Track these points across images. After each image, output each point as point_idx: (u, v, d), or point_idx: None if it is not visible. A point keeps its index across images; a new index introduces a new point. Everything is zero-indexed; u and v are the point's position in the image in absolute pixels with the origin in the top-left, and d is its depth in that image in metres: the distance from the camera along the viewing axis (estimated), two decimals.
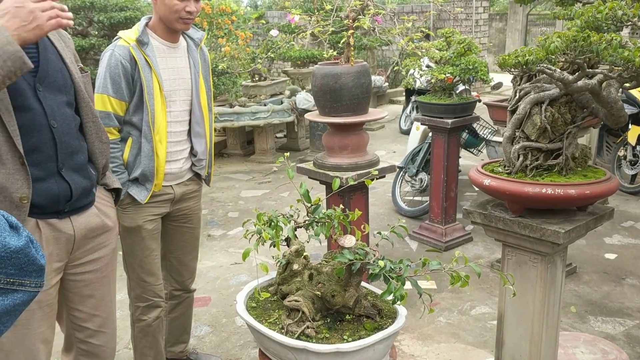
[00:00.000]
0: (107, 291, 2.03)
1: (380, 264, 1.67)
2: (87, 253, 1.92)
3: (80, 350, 2.03)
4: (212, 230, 5.02)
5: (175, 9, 2.27)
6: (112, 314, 2.08)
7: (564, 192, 1.91)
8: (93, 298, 1.98)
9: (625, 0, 1.82)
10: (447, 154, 4.31)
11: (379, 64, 13.21)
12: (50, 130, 1.74)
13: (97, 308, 2.00)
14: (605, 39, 1.65)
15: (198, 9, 2.33)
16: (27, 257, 0.81)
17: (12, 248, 0.78)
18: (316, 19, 2.82)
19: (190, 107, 2.52)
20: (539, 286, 2.15)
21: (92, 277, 1.96)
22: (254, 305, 1.94)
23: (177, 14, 2.28)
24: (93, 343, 2.02)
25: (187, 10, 2.28)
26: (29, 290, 0.82)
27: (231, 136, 7.74)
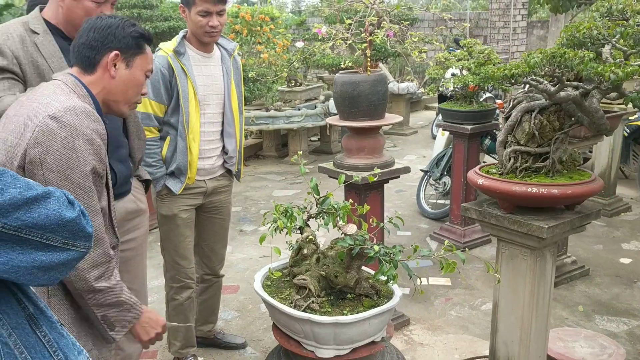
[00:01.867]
0: (141, 267, 2.35)
1: (375, 248, 1.93)
2: (124, 234, 2.23)
3: None
4: (244, 225, 5.34)
5: (200, 24, 2.58)
6: (144, 288, 2.39)
7: (547, 191, 2.13)
8: (129, 273, 2.29)
9: (603, 21, 2.03)
10: (467, 159, 4.51)
11: (416, 70, 13.38)
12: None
13: (132, 282, 2.31)
14: (578, 55, 1.87)
15: (222, 22, 2.62)
16: (78, 226, 1.07)
17: (66, 218, 1.03)
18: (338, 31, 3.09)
19: (223, 110, 2.82)
20: (528, 278, 2.37)
21: (128, 255, 2.27)
22: (269, 284, 2.22)
23: (203, 29, 2.59)
24: None
25: (210, 25, 2.58)
26: (79, 251, 1.09)
27: (267, 139, 8.09)
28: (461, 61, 4.19)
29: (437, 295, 3.86)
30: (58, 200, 1.02)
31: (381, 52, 9.55)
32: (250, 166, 7.62)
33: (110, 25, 1.70)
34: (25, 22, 2.08)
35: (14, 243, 0.96)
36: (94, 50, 1.68)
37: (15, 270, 0.97)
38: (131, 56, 1.73)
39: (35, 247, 0.99)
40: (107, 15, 1.77)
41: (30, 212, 0.97)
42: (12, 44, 2.02)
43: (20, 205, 0.96)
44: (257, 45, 7.80)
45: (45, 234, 0.99)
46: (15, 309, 1.06)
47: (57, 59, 2.06)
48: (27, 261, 0.98)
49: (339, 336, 1.96)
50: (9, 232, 0.94)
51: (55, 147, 1.49)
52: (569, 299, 3.77)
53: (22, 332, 1.06)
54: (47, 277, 1.02)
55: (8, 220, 0.94)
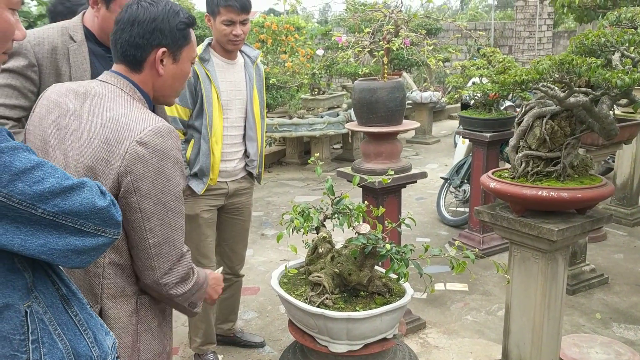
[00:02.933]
0: None
1: (387, 247, 2.00)
2: None
3: None
4: (265, 229, 5.45)
5: (224, 33, 2.69)
6: None
7: (558, 194, 2.18)
8: None
9: (611, 29, 2.08)
10: (487, 166, 4.54)
11: (440, 80, 13.41)
12: None
13: None
14: (586, 62, 1.92)
15: (245, 31, 2.73)
16: (109, 214, 1.17)
17: (99, 206, 1.13)
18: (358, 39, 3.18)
19: (245, 115, 2.93)
20: (540, 280, 2.41)
21: None
22: (285, 281, 2.30)
23: (226, 37, 2.70)
24: None
25: (234, 34, 2.70)
26: (108, 237, 1.19)
27: (290, 146, 8.20)
28: (480, 70, 4.24)
29: (454, 300, 3.90)
30: (91, 190, 1.13)
31: (404, 62, 9.62)
32: (273, 172, 7.74)
33: (155, 18, 1.57)
34: (65, 28, 2.18)
35: (51, 228, 1.06)
36: (140, 49, 1.58)
37: (52, 252, 1.07)
38: (178, 49, 1.63)
39: (70, 232, 1.09)
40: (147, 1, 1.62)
41: (66, 199, 1.07)
42: (40, 50, 2.11)
43: (58, 193, 1.06)
44: (282, 54, 7.94)
45: (79, 220, 1.10)
46: (50, 290, 1.17)
47: (81, 71, 2.14)
48: (63, 244, 1.08)
49: (351, 332, 2.03)
50: (47, 217, 1.05)
51: (148, 175, 1.45)
52: (587, 307, 3.78)
53: (56, 311, 1.16)
54: (80, 260, 1.13)
55: (47, 207, 1.04)
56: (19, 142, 1.06)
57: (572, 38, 2.14)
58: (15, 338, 1.08)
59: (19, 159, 1.02)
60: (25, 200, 1.01)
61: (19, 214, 1.02)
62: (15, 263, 1.09)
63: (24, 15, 6.80)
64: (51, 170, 1.07)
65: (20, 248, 1.04)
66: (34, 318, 1.11)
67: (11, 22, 1.10)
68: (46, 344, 1.12)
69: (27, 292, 1.11)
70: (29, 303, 1.11)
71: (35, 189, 1.02)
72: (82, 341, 1.19)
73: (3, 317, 1.06)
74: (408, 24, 3.05)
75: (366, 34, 3.18)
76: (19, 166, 1.01)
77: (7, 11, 1.09)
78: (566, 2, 3.44)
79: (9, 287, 1.07)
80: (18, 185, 1.00)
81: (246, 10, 2.70)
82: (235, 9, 2.66)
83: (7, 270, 1.07)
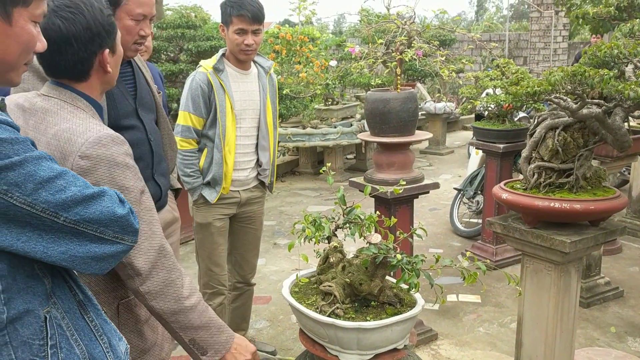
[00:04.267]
0: None
1: (398, 257, 2.00)
2: None
3: None
4: (278, 239, 5.46)
5: (236, 42, 2.73)
6: None
7: (570, 206, 2.17)
8: None
9: (624, 41, 2.08)
10: (500, 177, 4.53)
11: (454, 91, 13.39)
12: (149, 143, 2.17)
13: None
14: (599, 73, 1.92)
15: (257, 41, 2.75)
16: (127, 222, 1.19)
17: (118, 214, 1.16)
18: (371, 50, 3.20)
19: (258, 124, 2.96)
20: (552, 292, 2.39)
21: None
22: (296, 290, 2.31)
23: (239, 47, 2.73)
24: None
25: (245, 43, 2.72)
26: (126, 244, 1.21)
27: (303, 155, 8.23)
28: (494, 81, 4.24)
29: (467, 312, 3.87)
30: (111, 198, 1.16)
31: (418, 73, 9.63)
32: (286, 182, 7.77)
33: (88, 26, 1.46)
34: None
35: (72, 235, 1.09)
36: (86, 62, 1.50)
37: (73, 259, 1.10)
38: (114, 39, 1.55)
39: (90, 239, 1.12)
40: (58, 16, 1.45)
41: (87, 207, 1.10)
42: None
43: (79, 202, 1.09)
44: (296, 65, 7.98)
45: (99, 228, 1.12)
46: (67, 295, 1.19)
47: None
48: (83, 252, 1.11)
49: (361, 341, 2.03)
50: (69, 225, 1.08)
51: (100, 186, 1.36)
52: (601, 320, 3.74)
53: (73, 316, 1.18)
54: (99, 267, 1.16)
55: (69, 215, 1.08)
56: (42, 151, 1.08)
57: (584, 49, 2.14)
58: (35, 343, 1.10)
59: (43, 168, 1.04)
60: (49, 208, 1.04)
61: (41, 221, 1.04)
62: (35, 269, 1.11)
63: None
64: (73, 179, 1.10)
65: (43, 255, 1.06)
66: (52, 323, 1.13)
67: (34, 34, 1.13)
68: (64, 349, 1.14)
69: (47, 298, 1.13)
70: (48, 309, 1.13)
71: (58, 197, 1.05)
72: (98, 346, 1.21)
73: (23, 322, 1.08)
74: (421, 35, 3.06)
75: (379, 45, 3.20)
76: (43, 175, 1.04)
77: (30, 24, 1.11)
78: (581, 14, 3.43)
79: (29, 292, 1.09)
80: (42, 194, 1.03)
81: (258, 20, 2.72)
82: (247, 18, 2.69)
83: (27, 277, 1.09)
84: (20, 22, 1.08)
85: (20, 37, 1.09)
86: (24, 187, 1.01)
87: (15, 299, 1.07)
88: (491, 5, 48.10)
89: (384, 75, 9.32)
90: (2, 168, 0.99)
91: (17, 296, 1.07)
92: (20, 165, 1.01)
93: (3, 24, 1.06)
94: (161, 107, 2.31)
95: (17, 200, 1.01)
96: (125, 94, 2.13)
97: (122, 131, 2.08)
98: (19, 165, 1.01)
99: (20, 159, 1.01)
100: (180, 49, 6.87)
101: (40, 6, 1.13)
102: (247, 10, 2.69)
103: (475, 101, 4.44)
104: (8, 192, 0.99)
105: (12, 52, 1.09)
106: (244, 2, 2.71)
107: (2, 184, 0.99)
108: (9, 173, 0.99)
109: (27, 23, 1.10)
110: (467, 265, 2.04)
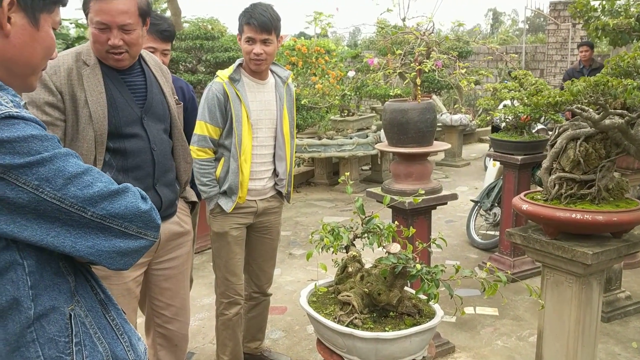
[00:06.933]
0: (182, 285, 2.46)
1: (417, 267, 1.99)
2: (167, 252, 2.36)
3: (157, 332, 2.48)
4: (293, 249, 5.45)
5: (246, 51, 2.74)
6: (185, 305, 2.50)
7: (592, 217, 2.14)
8: (170, 290, 2.42)
9: None
10: (517, 189, 4.48)
11: (470, 102, 13.35)
12: (151, 153, 2.18)
13: (173, 299, 2.44)
14: (622, 83, 1.90)
15: (267, 52, 2.74)
16: (150, 217, 1.21)
17: (142, 209, 1.18)
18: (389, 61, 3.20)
19: (275, 134, 2.96)
20: (574, 305, 2.36)
21: (170, 273, 2.40)
22: (314, 300, 2.30)
23: (248, 55, 2.75)
24: (168, 328, 2.46)
25: (254, 52, 2.73)
26: (149, 239, 1.22)
27: (319, 166, 8.24)
28: (512, 92, 4.22)
29: (484, 324, 3.83)
30: (134, 194, 1.18)
31: (434, 84, 9.62)
32: (301, 193, 7.77)
33: None
34: (79, 53, 2.11)
35: (98, 230, 1.11)
36: None
37: (99, 254, 1.12)
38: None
39: (115, 234, 1.14)
40: None
41: (113, 202, 1.12)
42: (58, 79, 2.04)
43: (106, 197, 1.11)
44: (312, 76, 8.02)
45: (124, 223, 1.14)
46: (89, 294, 1.21)
47: (96, 94, 2.07)
48: (109, 246, 1.13)
49: (380, 352, 2.01)
50: (95, 220, 1.10)
51: None
52: (622, 335, 3.67)
53: (96, 315, 1.20)
54: (123, 262, 1.17)
55: (96, 210, 1.10)
56: (68, 149, 1.11)
57: (606, 60, 2.12)
58: (61, 340, 1.12)
59: (71, 164, 1.08)
60: (77, 203, 1.07)
61: (70, 216, 1.07)
62: (61, 267, 1.13)
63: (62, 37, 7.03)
64: (98, 175, 1.13)
65: (71, 250, 1.09)
66: (77, 321, 1.15)
67: (54, 39, 1.19)
68: (87, 346, 1.16)
69: (71, 295, 1.15)
70: (72, 306, 1.15)
71: (85, 192, 1.08)
72: (119, 345, 1.23)
73: (49, 320, 1.10)
74: (439, 46, 3.06)
75: (397, 56, 3.20)
76: (71, 171, 1.07)
77: (51, 29, 1.18)
78: (600, 25, 3.40)
79: (55, 289, 1.12)
80: (70, 189, 1.06)
81: (267, 29, 2.72)
82: (254, 26, 2.70)
83: (53, 274, 1.12)
84: (45, 27, 1.16)
85: (45, 41, 1.16)
86: (54, 182, 1.04)
87: (42, 295, 1.09)
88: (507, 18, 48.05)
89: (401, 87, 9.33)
90: (34, 164, 1.02)
91: (44, 293, 1.10)
92: (51, 161, 1.04)
93: (32, 28, 1.13)
94: (176, 118, 2.32)
95: (47, 195, 1.04)
96: (130, 103, 2.14)
97: (123, 139, 2.10)
98: (49, 161, 1.04)
99: (50, 155, 1.04)
100: (199, 59, 6.94)
101: (59, 14, 1.21)
102: (255, 19, 2.70)
103: (494, 112, 4.42)
104: (39, 187, 1.03)
105: (38, 55, 1.16)
106: (255, 11, 2.73)
107: (34, 179, 1.02)
108: (40, 169, 1.03)
109: (50, 29, 1.17)
110: (487, 277, 2.02)
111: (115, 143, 2.10)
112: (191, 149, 2.74)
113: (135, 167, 2.14)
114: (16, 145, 1.00)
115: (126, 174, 2.11)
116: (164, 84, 2.30)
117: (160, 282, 2.39)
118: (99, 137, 2.05)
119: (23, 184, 1.01)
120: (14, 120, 1.01)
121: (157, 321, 2.45)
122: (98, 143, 2.05)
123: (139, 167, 2.16)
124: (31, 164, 1.01)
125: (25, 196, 1.02)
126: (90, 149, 2.05)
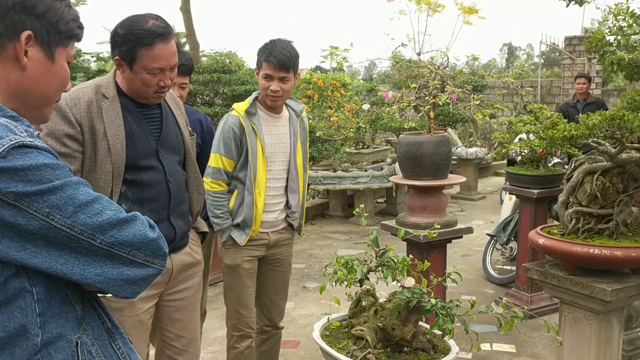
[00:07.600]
0: (193, 317, 2.44)
1: (432, 302, 1.96)
2: (179, 283, 2.35)
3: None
4: (307, 282, 5.41)
5: (263, 87, 2.77)
6: (196, 337, 2.47)
7: (611, 253, 2.10)
8: (181, 322, 2.40)
9: None
10: (534, 223, 4.43)
11: (485, 136, 13.32)
12: (167, 185, 2.20)
13: (183, 330, 2.41)
14: (638, 118, 1.89)
15: (284, 89, 2.76)
16: (158, 245, 1.21)
17: (150, 238, 1.19)
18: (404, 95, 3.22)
19: (288, 167, 2.97)
20: (593, 343, 2.30)
21: (181, 304, 2.38)
22: (327, 334, 2.27)
23: (265, 92, 2.78)
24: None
25: (271, 89, 2.75)
26: (156, 268, 1.22)
27: (333, 198, 8.23)
28: (527, 126, 4.21)
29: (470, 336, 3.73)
30: (142, 223, 1.19)
31: (449, 117, 9.63)
32: (316, 225, 7.74)
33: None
34: (99, 85, 2.13)
35: (107, 258, 1.12)
36: None
37: (107, 282, 1.13)
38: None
39: (122, 262, 1.14)
40: None
41: (121, 230, 1.14)
42: (78, 112, 2.05)
43: (114, 225, 1.13)
44: (328, 109, 8.09)
45: (131, 251, 1.15)
46: (96, 322, 1.21)
47: (115, 126, 2.08)
48: (116, 274, 1.14)
49: None
50: (104, 247, 1.11)
51: None
52: None
53: (102, 343, 1.20)
54: (131, 290, 1.17)
55: (105, 237, 1.11)
56: (78, 177, 1.13)
57: (622, 94, 2.12)
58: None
59: (81, 192, 1.10)
60: (86, 230, 1.08)
61: (79, 244, 1.08)
62: (69, 295, 1.14)
63: (83, 70, 7.18)
64: (108, 203, 1.14)
65: (80, 277, 1.10)
66: (83, 349, 1.15)
67: (69, 72, 1.24)
68: None
69: (78, 323, 1.15)
70: (79, 334, 1.15)
71: (95, 220, 1.10)
72: None
73: (56, 347, 1.10)
74: (454, 79, 3.07)
75: (412, 89, 3.22)
76: (82, 199, 1.09)
77: (65, 63, 1.22)
78: (616, 60, 3.41)
79: (62, 317, 1.12)
80: (80, 217, 1.08)
81: (285, 68, 2.74)
82: (272, 64, 2.73)
83: (61, 301, 1.12)
84: (60, 60, 1.20)
85: (59, 73, 1.21)
86: (64, 210, 1.06)
87: (50, 323, 1.10)
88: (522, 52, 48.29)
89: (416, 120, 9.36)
90: (45, 191, 1.04)
91: (52, 320, 1.10)
92: (62, 189, 1.06)
93: (47, 61, 1.18)
94: (189, 149, 2.34)
95: (57, 223, 1.05)
96: (147, 135, 2.17)
97: (140, 171, 2.12)
98: (60, 189, 1.06)
99: (61, 183, 1.07)
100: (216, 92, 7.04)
101: (74, 48, 1.25)
102: (274, 56, 2.73)
103: (510, 145, 4.40)
104: (50, 215, 1.04)
105: (52, 87, 1.20)
106: (275, 49, 2.76)
107: (45, 207, 1.04)
108: (51, 196, 1.05)
109: (64, 62, 1.22)
110: (504, 312, 1.99)
111: (132, 175, 2.12)
112: (205, 181, 2.76)
113: (150, 198, 2.16)
114: (29, 174, 1.02)
115: (142, 206, 2.12)
116: (178, 115, 2.33)
117: (172, 313, 2.37)
118: (116, 169, 2.07)
119: (34, 211, 1.03)
120: (27, 149, 1.04)
121: (168, 353, 2.43)
122: (115, 175, 2.07)
123: (154, 199, 2.17)
124: (43, 191, 1.04)
125: (36, 223, 1.03)
126: (107, 181, 2.07)
